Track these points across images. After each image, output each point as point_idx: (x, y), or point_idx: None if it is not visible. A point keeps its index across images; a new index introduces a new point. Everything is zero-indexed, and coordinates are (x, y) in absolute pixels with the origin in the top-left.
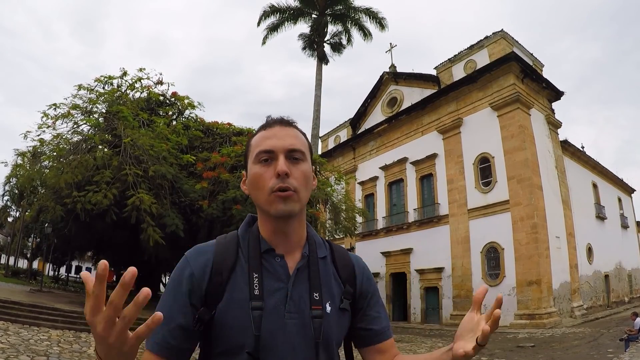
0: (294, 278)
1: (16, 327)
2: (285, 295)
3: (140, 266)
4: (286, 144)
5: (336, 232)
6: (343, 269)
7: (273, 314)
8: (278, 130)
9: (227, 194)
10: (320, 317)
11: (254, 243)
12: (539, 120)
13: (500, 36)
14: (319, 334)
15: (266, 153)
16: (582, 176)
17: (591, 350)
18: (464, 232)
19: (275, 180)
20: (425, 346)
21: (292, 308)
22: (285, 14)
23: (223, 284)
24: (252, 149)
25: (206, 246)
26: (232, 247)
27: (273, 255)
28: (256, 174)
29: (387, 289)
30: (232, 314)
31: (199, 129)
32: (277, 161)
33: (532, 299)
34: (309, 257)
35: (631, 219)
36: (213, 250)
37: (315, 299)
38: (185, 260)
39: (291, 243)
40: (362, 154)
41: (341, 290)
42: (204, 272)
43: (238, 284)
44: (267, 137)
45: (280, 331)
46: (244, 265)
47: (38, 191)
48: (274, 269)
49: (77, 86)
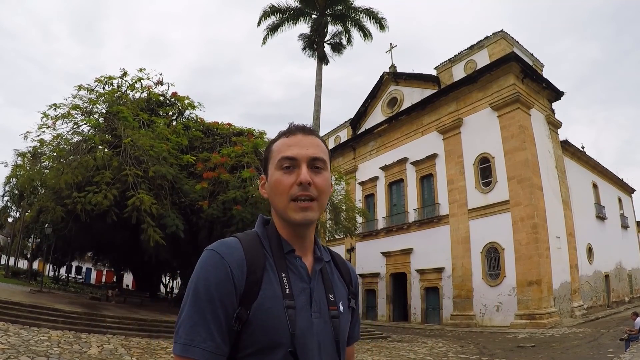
0: (315, 279)
1: (16, 327)
2: (309, 295)
3: (141, 266)
4: (309, 153)
5: (336, 232)
6: (344, 271)
7: (302, 313)
8: (301, 139)
9: (227, 195)
10: (337, 317)
11: (276, 243)
12: (539, 121)
13: (500, 36)
14: (338, 333)
15: (289, 160)
16: (582, 176)
17: (591, 350)
18: (464, 232)
19: (297, 188)
20: (425, 346)
21: (316, 308)
22: (286, 14)
23: (258, 282)
24: (274, 155)
25: (233, 242)
26: (258, 245)
27: (294, 256)
28: (277, 180)
29: (388, 289)
30: (268, 312)
31: (199, 129)
32: (300, 169)
33: (533, 299)
34: (323, 260)
35: (631, 219)
36: (241, 247)
37: (331, 300)
38: (218, 256)
39: (306, 246)
40: (362, 154)
41: (347, 291)
42: (240, 270)
43: (271, 283)
44: (290, 145)
45: (309, 330)
46: (272, 265)
47: (38, 192)
48: (297, 270)
49: (77, 87)
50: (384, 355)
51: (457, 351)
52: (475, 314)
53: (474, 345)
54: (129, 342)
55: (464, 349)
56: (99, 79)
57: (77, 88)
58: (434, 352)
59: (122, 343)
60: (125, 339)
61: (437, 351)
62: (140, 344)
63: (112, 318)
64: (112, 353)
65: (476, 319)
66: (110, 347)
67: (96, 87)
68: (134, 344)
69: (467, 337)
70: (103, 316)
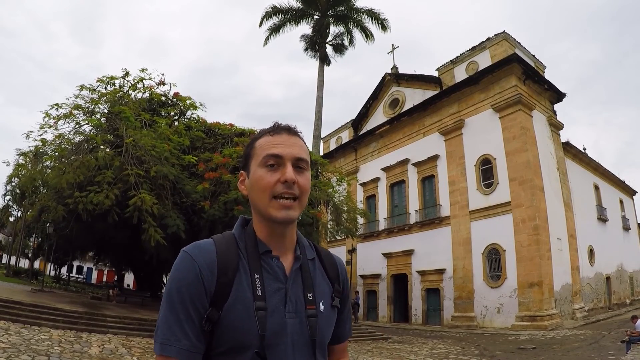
0: (292, 279)
1: (17, 326)
2: (284, 296)
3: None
4: (294, 152)
5: (338, 233)
6: (330, 269)
7: (275, 314)
8: (286, 138)
9: (228, 195)
10: (314, 316)
11: (252, 244)
12: (541, 122)
13: (502, 37)
14: (315, 333)
15: (274, 158)
16: (584, 178)
17: (592, 352)
18: (465, 233)
19: (281, 186)
20: (426, 347)
21: (291, 308)
22: (288, 14)
23: (229, 284)
24: (258, 152)
25: (206, 244)
26: (232, 247)
27: (270, 256)
28: (260, 177)
29: (388, 290)
30: (238, 314)
31: (200, 129)
32: (285, 168)
33: (534, 300)
34: (301, 258)
35: (633, 220)
36: (214, 250)
37: (309, 299)
38: (189, 258)
39: (285, 245)
40: (364, 155)
41: (331, 289)
42: (210, 272)
43: (242, 285)
44: (275, 143)
45: (282, 331)
46: (246, 266)
47: (40, 191)
48: (272, 270)
49: (79, 86)
50: (384, 356)
51: (457, 353)
52: (476, 316)
53: (475, 347)
54: (129, 341)
55: (465, 351)
56: (101, 79)
57: (79, 88)
58: (435, 354)
59: (123, 343)
60: (126, 339)
61: (438, 352)
62: (141, 344)
63: (113, 318)
64: (112, 353)
65: (477, 321)
66: (111, 347)
67: (98, 87)
68: (135, 343)
69: (468, 338)
70: (104, 316)
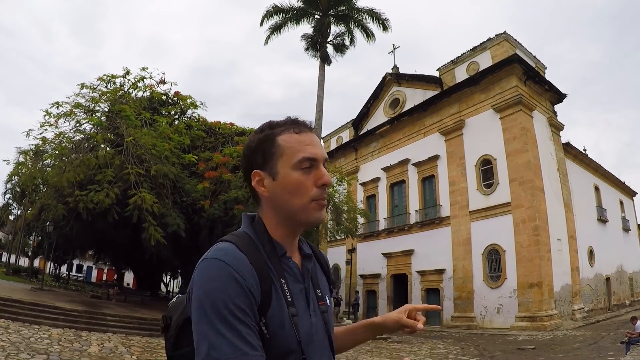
0: (308, 277)
1: (17, 325)
2: (306, 296)
3: (142, 265)
4: (325, 154)
5: (338, 233)
6: (324, 263)
7: (304, 317)
8: (312, 137)
9: (229, 194)
10: (326, 311)
11: (270, 247)
12: (541, 123)
13: (503, 38)
14: (329, 327)
15: (310, 161)
16: (584, 179)
17: (592, 353)
18: (465, 234)
19: (319, 190)
20: (425, 348)
21: (312, 306)
22: (289, 14)
23: (269, 291)
24: (288, 152)
25: (234, 250)
26: (256, 251)
27: (286, 257)
28: (299, 181)
29: (388, 290)
30: (279, 322)
31: (201, 128)
32: (319, 170)
33: (533, 301)
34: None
35: (633, 222)
36: (244, 256)
37: (319, 295)
38: (228, 267)
39: (295, 244)
40: (364, 155)
41: (327, 282)
42: (254, 280)
43: (278, 291)
44: (307, 143)
45: (310, 330)
46: (273, 271)
47: (40, 190)
48: (292, 272)
49: (79, 85)
50: (384, 356)
51: (457, 353)
52: (475, 316)
53: (475, 347)
54: (129, 340)
55: (464, 351)
56: (102, 78)
57: (79, 86)
58: (434, 354)
59: (123, 341)
60: (126, 338)
61: (438, 353)
62: (140, 343)
63: (112, 316)
64: (112, 351)
65: (477, 321)
66: (110, 346)
67: (99, 85)
68: (134, 342)
69: (467, 338)
70: (103, 314)
